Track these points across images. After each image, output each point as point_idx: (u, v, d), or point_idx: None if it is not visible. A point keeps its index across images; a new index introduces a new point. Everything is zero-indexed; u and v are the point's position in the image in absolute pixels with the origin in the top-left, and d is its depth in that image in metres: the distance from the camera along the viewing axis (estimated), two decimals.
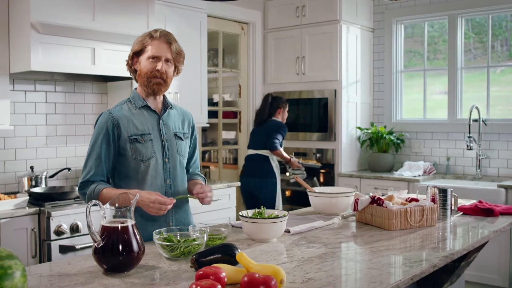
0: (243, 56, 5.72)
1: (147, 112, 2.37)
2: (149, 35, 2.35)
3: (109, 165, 2.31)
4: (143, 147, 2.31)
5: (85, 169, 2.30)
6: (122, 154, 2.31)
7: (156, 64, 2.32)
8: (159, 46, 2.33)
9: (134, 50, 2.37)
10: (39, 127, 3.83)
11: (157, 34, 2.34)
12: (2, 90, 3.32)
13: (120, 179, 2.35)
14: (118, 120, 2.30)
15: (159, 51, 2.32)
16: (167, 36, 2.36)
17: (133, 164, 2.31)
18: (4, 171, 3.65)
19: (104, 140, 2.27)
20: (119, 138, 2.29)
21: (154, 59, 2.32)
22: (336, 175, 5.23)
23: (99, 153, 2.27)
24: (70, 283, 1.67)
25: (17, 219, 3.10)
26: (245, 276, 1.50)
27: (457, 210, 2.85)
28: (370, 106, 5.64)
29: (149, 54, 2.32)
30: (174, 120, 2.45)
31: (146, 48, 2.33)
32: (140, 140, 2.31)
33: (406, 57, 5.56)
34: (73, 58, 3.39)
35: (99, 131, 2.29)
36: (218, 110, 5.65)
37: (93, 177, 2.28)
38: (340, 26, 5.13)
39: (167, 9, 4.27)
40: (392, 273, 1.75)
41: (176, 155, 2.41)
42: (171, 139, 2.40)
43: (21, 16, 3.25)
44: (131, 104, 2.37)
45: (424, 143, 5.30)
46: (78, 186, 2.31)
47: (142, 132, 2.32)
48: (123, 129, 2.29)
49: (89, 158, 2.29)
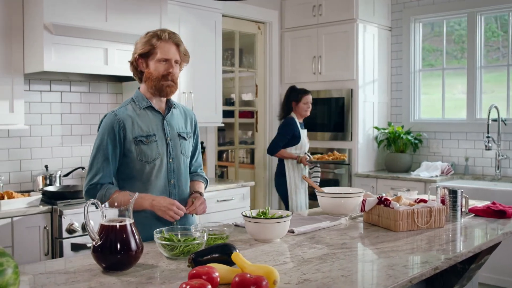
0: (259, 55, 5.71)
1: (151, 112, 2.36)
2: (156, 36, 2.32)
3: (115, 167, 2.30)
4: (148, 149, 2.30)
5: (91, 171, 2.27)
6: (126, 156, 2.30)
7: (167, 67, 2.31)
8: (168, 47, 2.31)
9: (140, 52, 2.33)
10: (55, 127, 3.89)
11: (165, 35, 2.32)
12: (17, 90, 3.38)
13: (123, 180, 2.34)
14: (124, 121, 2.28)
15: (169, 53, 2.31)
16: (175, 37, 2.35)
17: (138, 165, 2.30)
18: (20, 170, 3.72)
19: (110, 141, 2.26)
20: (125, 140, 2.28)
21: (165, 62, 2.31)
22: (353, 175, 5.19)
23: (106, 155, 2.26)
24: (67, 280, 1.69)
25: (30, 217, 3.15)
26: (237, 276, 1.49)
27: (468, 212, 2.79)
28: (388, 106, 5.58)
29: (159, 57, 2.29)
30: (178, 120, 2.45)
31: (154, 50, 2.30)
32: (145, 141, 2.30)
33: (431, 56, 5.48)
34: (85, 59, 3.43)
35: (104, 132, 2.28)
36: (235, 110, 5.66)
37: (101, 180, 2.26)
38: (356, 25, 5.09)
39: (181, 9, 4.30)
40: (391, 275, 1.72)
41: (180, 155, 2.41)
42: (175, 139, 2.39)
43: (34, 17, 3.30)
44: (135, 105, 2.36)
45: (443, 143, 5.22)
46: (85, 189, 2.28)
47: (147, 133, 2.31)
48: (129, 131, 2.28)
49: (95, 160, 2.27)
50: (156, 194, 2.33)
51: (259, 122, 5.76)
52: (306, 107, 4.71)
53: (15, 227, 3.08)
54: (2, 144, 3.63)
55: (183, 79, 4.37)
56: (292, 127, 4.67)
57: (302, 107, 4.69)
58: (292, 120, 4.69)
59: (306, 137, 4.73)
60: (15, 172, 3.70)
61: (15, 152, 3.69)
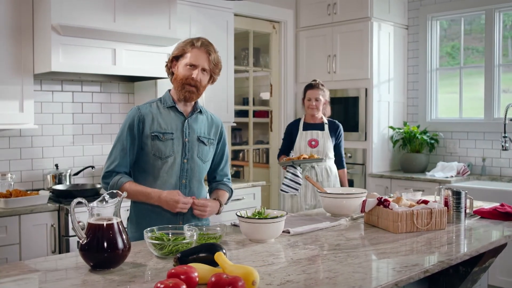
0: (274, 55, 5.69)
1: (174, 113, 2.45)
2: (190, 43, 2.42)
3: (132, 158, 2.42)
4: (162, 145, 2.39)
5: (110, 158, 2.41)
6: (143, 149, 2.41)
7: (192, 72, 2.39)
8: (198, 55, 2.39)
9: (174, 54, 2.45)
10: (66, 126, 3.95)
11: (198, 43, 2.41)
12: (27, 91, 3.44)
13: (138, 172, 2.45)
14: (144, 116, 2.40)
15: (197, 59, 2.39)
16: (207, 46, 2.43)
17: (151, 159, 2.40)
18: (31, 169, 3.78)
19: (129, 133, 2.39)
20: (142, 133, 2.39)
21: (192, 67, 2.39)
22: (367, 175, 5.13)
23: (124, 145, 2.38)
24: (52, 278, 1.71)
25: (37, 215, 3.20)
26: (213, 276, 1.48)
27: (472, 213, 2.73)
28: (404, 105, 5.49)
29: (187, 61, 2.39)
30: (201, 124, 2.51)
31: (185, 54, 2.41)
32: (161, 138, 2.39)
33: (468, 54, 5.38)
34: (93, 59, 3.47)
35: (126, 124, 2.41)
36: (249, 110, 5.66)
37: (117, 168, 2.38)
38: (371, 23, 5.02)
39: (192, 9, 4.31)
40: (376, 277, 1.69)
41: (196, 158, 2.46)
42: (193, 142, 2.45)
43: (43, 19, 3.35)
44: (160, 103, 2.47)
45: (460, 143, 5.11)
46: (102, 175, 2.41)
47: (164, 130, 2.40)
48: (147, 125, 2.39)
49: (114, 149, 2.40)
50: (165, 190, 2.38)
51: (273, 122, 5.75)
52: (309, 103, 4.05)
53: (22, 224, 3.14)
54: (14, 143, 3.70)
55: None
56: (288, 130, 4.21)
57: (306, 104, 4.10)
58: (294, 121, 4.25)
59: (306, 140, 4.03)
60: (27, 170, 3.77)
61: (27, 151, 3.76)
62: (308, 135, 4.05)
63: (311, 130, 4.07)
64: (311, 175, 3.96)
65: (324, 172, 3.99)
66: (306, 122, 4.12)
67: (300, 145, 4.04)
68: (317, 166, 3.98)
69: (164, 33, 3.82)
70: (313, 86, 4.08)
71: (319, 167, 4.00)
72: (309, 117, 4.11)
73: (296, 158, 3.86)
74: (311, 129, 4.07)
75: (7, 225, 3.09)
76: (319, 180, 3.93)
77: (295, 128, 4.12)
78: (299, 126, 4.10)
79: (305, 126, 4.10)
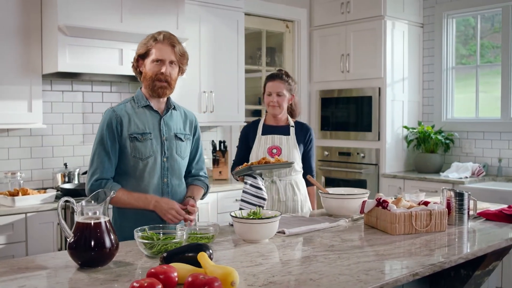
0: (288, 54, 5.67)
1: (149, 111, 2.42)
2: (152, 38, 2.40)
3: (115, 161, 2.37)
4: (142, 146, 2.36)
5: (92, 166, 2.33)
6: (122, 151, 2.37)
7: (160, 67, 2.37)
8: (163, 49, 2.37)
9: (139, 53, 2.43)
10: (76, 126, 3.99)
11: (160, 37, 2.39)
12: (35, 91, 3.49)
13: (119, 175, 2.40)
14: (121, 117, 2.36)
15: (163, 54, 2.37)
16: (170, 38, 2.41)
17: (132, 161, 2.37)
18: (42, 168, 3.84)
19: (108, 136, 2.34)
20: (121, 136, 2.35)
21: (159, 62, 2.37)
22: (380, 176, 5.06)
23: (107, 150, 2.34)
24: (39, 275, 1.72)
25: (44, 214, 3.25)
26: (190, 276, 1.48)
27: (476, 215, 2.66)
28: (419, 105, 5.40)
29: (153, 58, 2.37)
30: (176, 121, 2.49)
31: (150, 51, 2.38)
32: (140, 139, 2.36)
33: (490, 53, 5.27)
34: (100, 59, 3.50)
35: (103, 128, 2.36)
36: (262, 109, 5.64)
37: (104, 174, 2.32)
38: (384, 22, 4.96)
39: (201, 9, 4.32)
40: (362, 280, 1.66)
41: (175, 155, 2.45)
42: (171, 140, 2.44)
43: (50, 19, 3.40)
44: (134, 103, 2.43)
45: (475, 143, 5.01)
46: (88, 186, 2.32)
47: (142, 131, 2.37)
48: (125, 127, 2.35)
49: (96, 155, 2.34)
50: (149, 191, 2.39)
51: None
52: (269, 99, 3.08)
53: (29, 223, 3.19)
54: (25, 142, 3.76)
55: (204, 78, 4.39)
56: (243, 134, 3.19)
57: (266, 101, 3.12)
58: (252, 123, 3.22)
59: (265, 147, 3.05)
60: (37, 169, 3.82)
61: (37, 150, 3.82)
62: (268, 140, 3.07)
63: (272, 134, 3.09)
64: (269, 192, 3.02)
65: (289, 189, 3.06)
66: (267, 124, 3.14)
67: (257, 154, 3.04)
68: (279, 181, 3.03)
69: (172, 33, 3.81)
70: (274, 77, 3.09)
71: (282, 182, 3.04)
72: (271, 117, 3.14)
73: (256, 163, 2.84)
74: (272, 133, 3.09)
75: (14, 223, 3.14)
76: (281, 200, 3.02)
77: (252, 132, 3.14)
78: (258, 129, 3.13)
79: (264, 130, 3.12)
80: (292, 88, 3.13)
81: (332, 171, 5.46)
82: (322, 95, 5.56)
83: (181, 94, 4.13)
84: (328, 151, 5.50)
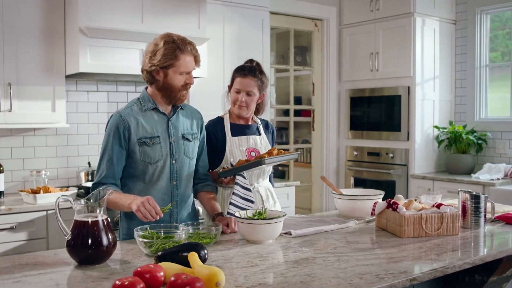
0: (316, 53, 5.61)
1: (156, 114, 2.39)
2: (177, 49, 2.29)
3: (121, 167, 2.34)
4: (151, 150, 2.34)
5: (98, 171, 2.35)
6: (131, 156, 2.34)
7: (187, 78, 2.35)
8: (189, 61, 2.34)
9: (163, 64, 2.29)
10: (101, 125, 4.07)
11: (187, 48, 2.31)
12: (59, 91, 3.57)
13: (127, 178, 2.39)
14: (129, 123, 2.32)
15: (189, 66, 2.34)
16: (194, 49, 2.35)
17: (141, 166, 2.35)
18: (67, 166, 3.93)
19: (115, 142, 2.31)
20: (129, 141, 2.32)
21: (187, 74, 2.35)
22: (409, 176, 4.95)
23: (110, 156, 2.31)
24: (36, 272, 1.76)
25: (64, 211, 3.29)
26: (173, 276, 1.48)
27: (494, 219, 2.56)
28: (452, 104, 5.24)
29: (181, 70, 2.31)
30: (183, 121, 2.47)
31: (176, 62, 2.30)
32: (149, 143, 2.34)
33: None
34: (120, 59, 3.55)
35: (110, 133, 2.33)
36: (290, 109, 5.61)
37: (104, 179, 2.31)
38: (413, 19, 4.84)
39: (225, 9, 4.32)
40: (354, 284, 1.62)
41: (183, 157, 2.43)
42: (179, 141, 2.42)
43: (72, 21, 3.47)
44: (140, 105, 2.39)
45: (509, 144, 4.82)
46: (91, 188, 2.34)
47: (151, 135, 2.34)
48: (133, 132, 2.32)
49: (102, 161, 2.34)
50: (158, 194, 2.37)
51: (316, 121, 5.67)
52: (237, 97, 2.74)
53: (49, 220, 3.27)
54: (51, 141, 3.86)
55: (228, 78, 4.37)
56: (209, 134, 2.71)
57: (232, 97, 2.78)
58: (214, 121, 2.83)
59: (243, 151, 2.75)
60: (63, 168, 3.92)
61: (63, 149, 3.91)
62: (243, 142, 2.76)
63: (244, 135, 2.79)
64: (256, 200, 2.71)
65: (269, 194, 2.84)
66: (234, 123, 2.81)
67: (234, 156, 2.72)
68: (260, 187, 2.78)
69: (193, 33, 3.84)
70: (246, 73, 2.75)
71: (262, 187, 2.79)
72: (235, 116, 2.82)
73: (244, 162, 2.60)
74: (244, 134, 2.79)
75: (35, 220, 3.23)
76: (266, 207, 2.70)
77: (218, 132, 2.77)
78: (225, 129, 2.77)
79: (233, 130, 2.78)
80: (264, 85, 2.81)
81: (361, 171, 5.38)
82: (351, 94, 5.47)
83: (205, 94, 4.15)
84: (358, 151, 5.41)
